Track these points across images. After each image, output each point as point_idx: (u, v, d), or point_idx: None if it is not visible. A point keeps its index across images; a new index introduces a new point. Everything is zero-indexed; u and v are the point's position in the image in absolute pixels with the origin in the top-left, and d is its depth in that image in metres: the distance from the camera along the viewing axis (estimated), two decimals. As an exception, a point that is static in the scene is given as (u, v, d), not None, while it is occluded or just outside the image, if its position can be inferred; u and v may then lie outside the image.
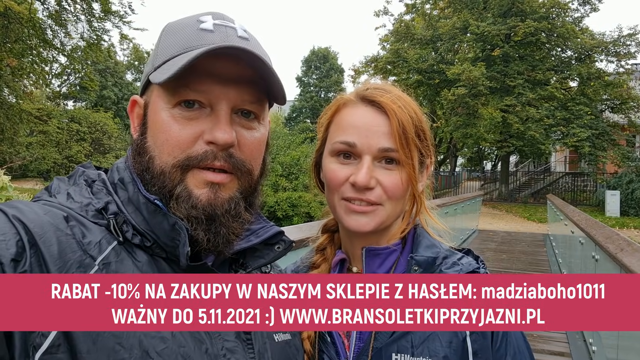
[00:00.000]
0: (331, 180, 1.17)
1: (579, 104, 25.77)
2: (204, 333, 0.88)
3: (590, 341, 5.62)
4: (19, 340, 0.72)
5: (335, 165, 1.17)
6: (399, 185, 1.14)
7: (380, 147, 1.12)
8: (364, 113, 1.15)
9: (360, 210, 1.14)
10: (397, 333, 1.09)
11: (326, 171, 1.20)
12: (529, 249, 14.11)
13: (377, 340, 1.11)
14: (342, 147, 1.15)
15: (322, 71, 48.45)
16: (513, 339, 1.12)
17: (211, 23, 0.95)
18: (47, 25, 18.64)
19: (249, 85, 0.93)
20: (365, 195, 1.13)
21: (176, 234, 0.88)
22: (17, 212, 0.81)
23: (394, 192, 1.14)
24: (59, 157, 26.10)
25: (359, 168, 1.12)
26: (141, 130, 0.97)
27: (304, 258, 1.39)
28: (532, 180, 34.66)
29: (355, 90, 1.22)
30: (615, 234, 4.80)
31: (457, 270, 1.14)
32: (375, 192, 1.13)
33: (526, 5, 26.29)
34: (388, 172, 1.14)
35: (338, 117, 1.21)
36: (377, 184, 1.13)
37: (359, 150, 1.13)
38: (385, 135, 1.12)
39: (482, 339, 1.08)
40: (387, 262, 1.21)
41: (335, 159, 1.18)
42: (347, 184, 1.15)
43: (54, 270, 0.77)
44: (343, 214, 1.17)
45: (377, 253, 1.20)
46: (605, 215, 23.44)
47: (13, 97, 20.87)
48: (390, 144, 1.12)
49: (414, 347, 1.08)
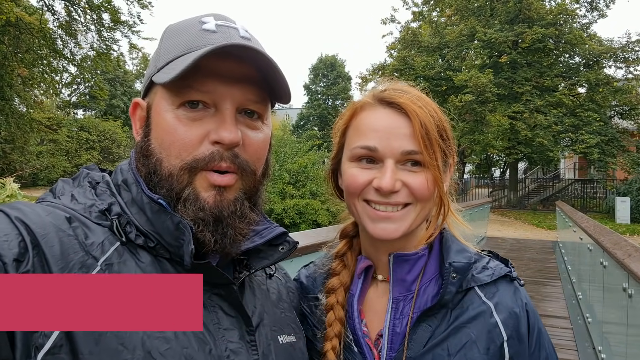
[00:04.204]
0: (352, 185, 1.12)
1: (587, 110, 25.60)
2: (207, 334, 0.88)
3: (599, 349, 5.56)
4: (20, 341, 0.72)
5: (356, 170, 1.12)
6: (425, 187, 1.08)
7: (403, 150, 1.07)
8: (383, 115, 1.10)
9: (386, 216, 1.08)
10: (432, 341, 1.06)
11: (346, 177, 1.14)
12: (538, 256, 13.99)
13: (411, 349, 1.07)
14: (363, 152, 1.10)
15: (329, 79, 48.53)
16: (546, 342, 1.12)
17: (213, 24, 0.95)
18: (58, 35, 18.83)
19: (253, 85, 0.94)
20: (392, 199, 1.08)
21: (180, 233, 0.87)
22: (19, 213, 0.81)
23: (421, 193, 1.08)
24: (69, 165, 26.35)
25: (383, 172, 1.07)
26: (145, 132, 0.97)
27: (320, 264, 1.34)
28: (541, 187, 34.39)
29: (371, 92, 1.16)
30: (623, 240, 4.76)
31: (488, 275, 1.12)
32: (402, 193, 1.08)
33: (533, 12, 26.23)
34: (413, 174, 1.08)
35: (356, 121, 1.15)
36: (402, 186, 1.08)
37: (381, 154, 1.08)
38: (408, 138, 1.07)
39: (518, 344, 1.07)
40: (416, 268, 1.16)
41: (355, 164, 1.12)
42: (369, 188, 1.09)
43: (56, 270, 0.77)
44: (368, 221, 1.11)
45: (406, 259, 1.15)
46: (616, 222, 23.20)
47: (24, 107, 21.06)
48: (413, 146, 1.07)
49: (450, 355, 1.04)
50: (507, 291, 1.12)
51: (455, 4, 29.52)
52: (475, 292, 1.10)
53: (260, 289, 1.08)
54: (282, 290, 1.18)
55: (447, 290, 1.07)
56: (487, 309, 1.08)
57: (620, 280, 4.18)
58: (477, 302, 1.09)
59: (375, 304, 1.19)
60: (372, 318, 1.18)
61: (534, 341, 1.09)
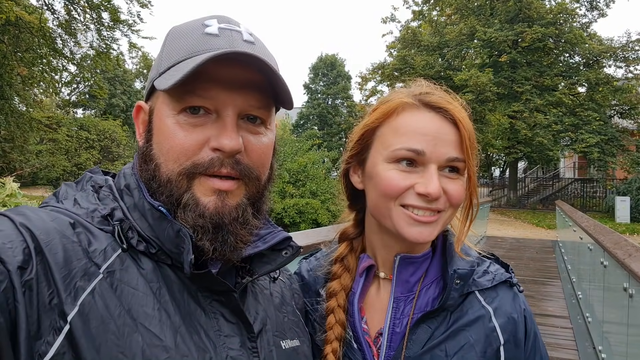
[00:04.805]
0: (391, 187, 1.09)
1: (587, 110, 25.58)
2: (207, 341, 0.87)
3: (599, 348, 5.56)
4: (24, 348, 0.72)
5: (395, 172, 1.09)
6: (462, 194, 1.11)
7: (448, 156, 1.07)
8: (431, 119, 1.09)
9: (425, 221, 1.08)
10: (430, 342, 1.08)
11: (383, 178, 1.10)
12: (538, 255, 13.98)
13: (409, 349, 1.09)
14: (409, 154, 1.07)
15: (329, 78, 48.50)
16: (540, 345, 1.15)
17: (216, 27, 0.93)
18: (57, 34, 18.83)
19: (255, 90, 0.92)
20: (434, 205, 1.08)
21: (180, 241, 0.87)
22: (24, 219, 0.81)
23: (457, 200, 1.10)
24: (68, 164, 26.30)
25: (428, 178, 1.06)
26: (147, 137, 0.96)
27: (318, 266, 1.33)
28: (541, 187, 34.40)
29: (408, 92, 1.14)
30: (623, 240, 4.76)
31: (489, 280, 1.14)
32: (441, 200, 1.08)
33: (533, 11, 26.22)
34: (452, 181, 1.09)
35: (397, 121, 1.11)
36: (442, 193, 1.08)
37: (427, 158, 1.07)
38: (454, 144, 1.07)
39: (514, 348, 1.09)
40: (419, 270, 1.17)
41: (394, 165, 1.10)
42: (410, 192, 1.08)
43: (59, 278, 0.77)
44: (404, 224, 1.09)
45: (412, 261, 1.17)
46: (615, 221, 23.20)
47: (23, 106, 21.07)
48: (458, 154, 1.08)
49: (448, 357, 1.06)
50: (507, 297, 1.14)
51: (455, 3, 29.50)
52: (476, 296, 1.13)
53: (263, 294, 1.07)
54: (286, 294, 1.17)
55: (450, 296, 1.09)
56: (486, 314, 1.10)
57: (621, 280, 4.19)
58: (476, 306, 1.11)
59: (376, 302, 1.21)
60: (373, 316, 1.19)
61: (530, 346, 1.12)
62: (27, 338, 0.72)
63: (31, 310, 0.74)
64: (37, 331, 0.74)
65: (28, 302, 0.73)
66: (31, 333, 0.73)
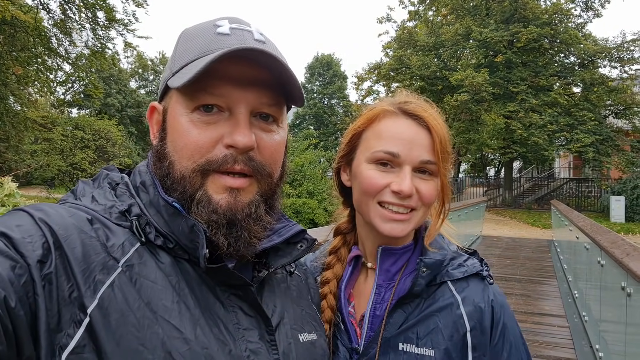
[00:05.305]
0: (370, 185, 1.22)
1: (582, 110, 25.70)
2: (227, 334, 0.88)
3: (597, 347, 5.59)
4: (45, 340, 0.73)
5: (374, 172, 1.22)
6: (434, 194, 1.22)
7: (421, 159, 1.19)
8: (407, 126, 1.21)
9: (399, 218, 1.20)
10: (404, 325, 1.19)
11: (363, 177, 1.23)
12: (534, 255, 14.05)
13: (387, 331, 1.19)
14: (385, 156, 1.20)
15: (325, 78, 48.57)
16: (510, 335, 1.19)
17: (227, 27, 0.95)
18: (52, 33, 18.75)
19: (267, 88, 0.93)
20: (406, 202, 1.20)
21: (195, 236, 0.88)
22: (43, 214, 0.82)
23: (429, 199, 1.22)
24: (64, 164, 26.12)
25: (402, 178, 1.19)
26: (161, 136, 0.98)
27: (315, 258, 1.44)
28: (536, 186, 34.54)
29: (391, 101, 1.27)
30: (620, 239, 4.79)
31: (461, 272, 1.23)
32: (414, 199, 1.20)
33: (529, 12, 26.33)
34: (424, 182, 1.21)
35: (378, 126, 1.25)
36: (415, 192, 1.20)
37: (402, 160, 1.19)
38: (426, 148, 1.19)
39: (480, 335, 1.16)
40: (400, 260, 1.29)
41: (373, 165, 1.23)
42: (386, 190, 1.20)
43: (78, 271, 0.78)
44: (380, 220, 1.22)
45: (392, 252, 1.28)
46: (610, 221, 23.34)
47: (18, 105, 20.97)
48: (430, 157, 1.19)
49: (419, 339, 1.16)
50: (477, 288, 1.22)
51: (451, 3, 29.59)
52: (448, 285, 1.23)
53: (280, 287, 1.08)
54: (302, 287, 1.19)
55: (417, 282, 1.20)
56: (455, 302, 1.20)
57: (619, 279, 4.21)
58: (447, 295, 1.21)
59: (363, 289, 1.33)
60: (360, 301, 1.31)
61: (498, 334, 1.17)
62: (48, 331, 0.73)
63: (51, 304, 0.75)
64: (58, 324, 0.75)
65: (48, 296, 0.75)
66: (51, 326, 0.74)
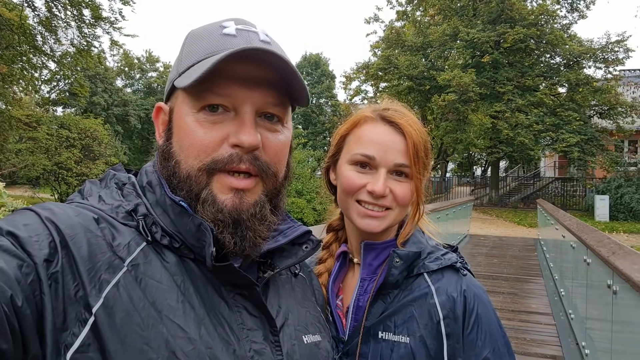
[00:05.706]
0: (349, 185, 1.31)
1: (567, 110, 25.94)
2: (231, 334, 0.89)
3: (583, 344, 5.66)
4: (51, 339, 0.73)
5: (353, 172, 1.32)
6: (408, 195, 1.30)
7: (396, 162, 1.28)
8: (384, 131, 1.30)
9: (372, 215, 1.29)
10: (384, 314, 1.26)
11: (344, 177, 1.33)
12: (520, 253, 14.19)
13: (368, 320, 1.27)
14: (363, 158, 1.30)
15: (313, 77, 48.57)
16: (485, 324, 1.23)
17: (233, 28, 0.96)
18: (38, 31, 18.52)
19: (273, 88, 0.94)
20: (380, 202, 1.28)
21: (202, 235, 0.88)
22: (49, 213, 0.83)
23: (403, 200, 1.30)
24: (49, 163, 25.74)
25: (376, 179, 1.28)
26: (167, 136, 0.98)
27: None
28: (522, 186, 34.82)
29: (373, 108, 1.37)
30: (606, 238, 4.85)
31: (438, 264, 1.30)
32: (388, 199, 1.29)
33: (515, 12, 26.53)
34: (399, 183, 1.30)
35: (359, 131, 1.35)
36: (389, 192, 1.28)
37: (377, 163, 1.28)
38: (401, 153, 1.28)
39: (454, 323, 1.21)
40: (382, 255, 1.35)
41: (353, 167, 1.32)
42: (363, 190, 1.29)
43: (84, 271, 0.79)
44: (357, 216, 1.31)
45: (374, 247, 1.36)
46: (595, 219, 23.63)
47: (2, 104, 20.68)
48: (404, 160, 1.28)
49: (396, 327, 1.24)
50: (450, 279, 1.29)
51: (438, 3, 29.72)
52: (424, 277, 1.29)
53: (285, 288, 1.09)
54: (307, 289, 1.20)
55: (390, 272, 1.27)
56: (430, 292, 1.26)
57: (605, 277, 4.26)
58: (423, 286, 1.28)
59: (350, 282, 1.41)
60: (347, 294, 1.39)
61: (471, 323, 1.22)
62: (53, 329, 0.74)
63: (57, 303, 0.75)
64: (63, 323, 0.75)
65: (54, 295, 0.75)
66: (57, 325, 0.74)
